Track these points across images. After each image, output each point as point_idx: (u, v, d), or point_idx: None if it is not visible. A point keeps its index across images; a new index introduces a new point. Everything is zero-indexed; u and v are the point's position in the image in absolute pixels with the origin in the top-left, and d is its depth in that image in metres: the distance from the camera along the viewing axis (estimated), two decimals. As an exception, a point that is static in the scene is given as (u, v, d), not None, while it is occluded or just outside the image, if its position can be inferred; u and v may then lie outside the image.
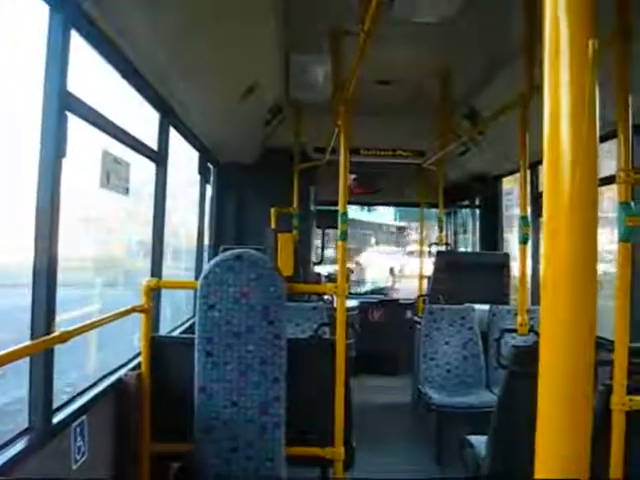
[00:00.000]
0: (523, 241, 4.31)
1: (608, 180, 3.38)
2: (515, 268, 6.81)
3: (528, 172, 4.45)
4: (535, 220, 6.32)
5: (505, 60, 4.78)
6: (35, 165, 2.63)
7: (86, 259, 5.65)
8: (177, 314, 6.04)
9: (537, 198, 6.42)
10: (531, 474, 0.89)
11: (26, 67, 3.03)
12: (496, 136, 6.31)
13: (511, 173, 7.84)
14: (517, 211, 9.02)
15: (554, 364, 0.81)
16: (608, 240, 6.24)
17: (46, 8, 2.58)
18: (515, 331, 4.43)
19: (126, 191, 3.78)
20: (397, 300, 9.70)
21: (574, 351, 0.79)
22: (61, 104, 2.66)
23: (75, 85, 2.77)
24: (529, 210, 4.63)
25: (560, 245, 0.81)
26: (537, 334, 4.59)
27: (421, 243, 9.35)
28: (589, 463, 0.81)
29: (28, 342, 2.53)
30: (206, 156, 6.50)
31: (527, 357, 3.54)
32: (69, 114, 2.72)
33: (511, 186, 8.87)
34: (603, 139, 3.72)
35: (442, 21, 4.35)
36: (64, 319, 3.26)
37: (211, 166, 6.98)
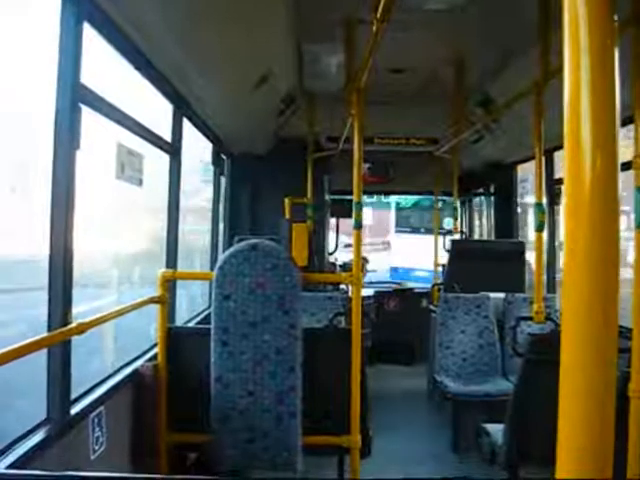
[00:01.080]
0: (539, 228, 4.29)
1: (624, 166, 3.35)
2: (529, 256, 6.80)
3: (543, 159, 4.42)
4: (550, 208, 6.28)
5: (519, 47, 4.74)
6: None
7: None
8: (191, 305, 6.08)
9: (552, 185, 6.38)
10: (548, 462, 0.88)
11: (40, 60, 3.03)
12: (510, 123, 6.27)
13: (526, 160, 7.79)
14: (529, 199, 8.98)
15: (576, 356, 0.80)
16: (624, 227, 6.19)
17: (59, 0, 2.59)
18: (531, 319, 4.41)
19: (140, 182, 3.80)
20: (412, 289, 9.69)
21: (597, 341, 0.78)
22: (75, 96, 2.66)
23: (88, 78, 2.77)
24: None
25: (582, 231, 0.79)
26: (554, 322, 4.58)
27: (436, 231, 9.32)
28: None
29: (45, 334, 2.55)
30: (220, 147, 6.51)
31: (544, 345, 3.53)
32: (83, 106, 2.73)
33: (523, 174, 8.81)
34: (620, 124, 3.68)
35: (453, 8, 4.32)
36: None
37: (225, 157, 6.98)
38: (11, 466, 2.18)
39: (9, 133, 3.66)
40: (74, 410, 2.78)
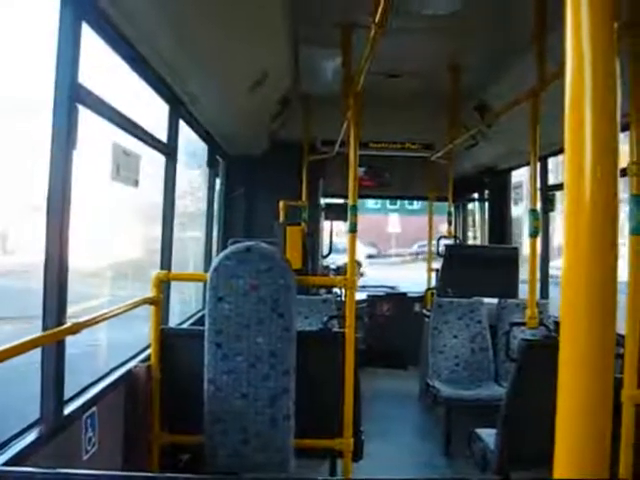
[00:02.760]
0: (533, 234, 4.30)
1: (620, 173, 3.36)
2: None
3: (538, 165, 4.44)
4: (544, 214, 6.30)
5: (515, 53, 4.76)
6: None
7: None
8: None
9: (546, 191, 6.40)
10: (540, 467, 0.88)
11: (38, 59, 3.02)
12: (505, 129, 6.29)
13: (520, 166, 7.82)
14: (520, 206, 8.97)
15: (574, 357, 0.80)
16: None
17: (57, 1, 2.59)
18: (524, 324, 4.42)
19: (135, 183, 3.79)
20: (405, 293, 9.69)
21: (595, 344, 0.78)
22: (72, 96, 2.66)
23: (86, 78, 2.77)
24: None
25: (581, 236, 0.79)
26: (547, 327, 4.60)
27: (430, 236, 9.33)
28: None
29: (40, 333, 2.54)
30: (215, 149, 6.50)
31: (537, 350, 3.54)
32: (80, 107, 2.73)
33: (517, 180, 8.83)
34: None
35: (451, 13, 4.33)
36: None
37: (220, 159, 6.98)
38: (4, 466, 2.18)
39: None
40: (67, 410, 2.77)
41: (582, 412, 0.79)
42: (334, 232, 9.05)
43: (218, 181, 7.03)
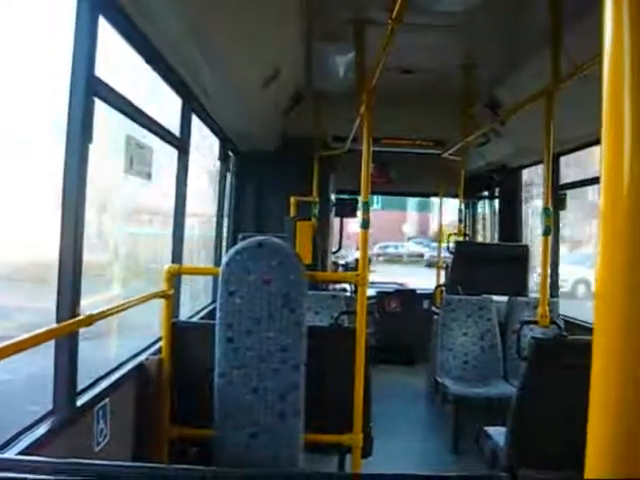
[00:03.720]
0: (546, 233, 4.29)
1: None
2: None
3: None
4: (556, 213, 6.29)
5: (529, 50, 4.74)
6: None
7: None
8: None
9: (558, 190, 6.38)
10: (550, 465, 0.87)
11: (55, 52, 3.03)
12: (517, 127, 6.27)
13: (532, 165, 7.80)
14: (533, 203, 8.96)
15: (610, 356, 0.78)
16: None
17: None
18: (535, 323, 4.41)
19: (148, 176, 3.80)
20: (414, 290, 9.69)
21: (632, 343, 0.77)
22: (89, 89, 2.67)
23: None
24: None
25: (618, 236, 0.77)
26: (558, 326, 4.59)
27: (440, 233, 9.33)
28: None
29: (54, 325, 2.56)
30: (227, 144, 6.52)
31: (548, 349, 3.53)
32: (97, 100, 2.74)
33: (527, 178, 8.80)
34: None
35: (465, 10, 4.32)
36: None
37: (232, 154, 6.99)
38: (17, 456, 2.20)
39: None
40: (80, 402, 2.79)
41: (615, 410, 0.78)
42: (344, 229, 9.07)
43: (229, 176, 7.04)
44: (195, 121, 4.86)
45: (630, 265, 0.77)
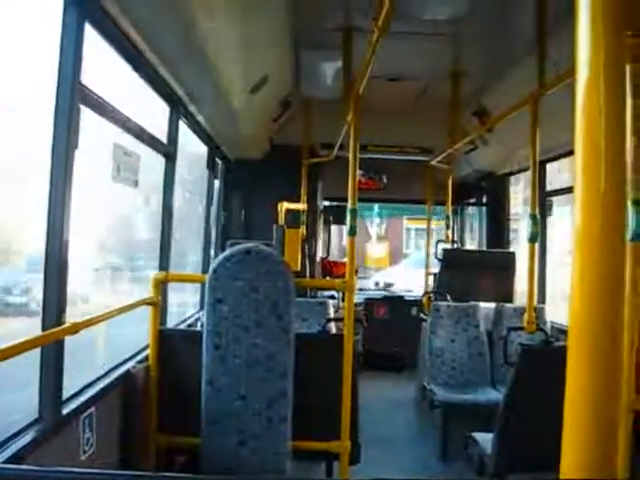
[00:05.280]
0: (532, 239, 4.31)
1: None
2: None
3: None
4: (542, 219, 6.31)
5: (515, 58, 4.77)
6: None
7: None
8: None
9: (544, 197, 6.41)
10: (537, 471, 0.88)
11: (40, 59, 3.02)
12: (504, 134, 6.31)
13: (518, 172, 7.84)
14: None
15: (583, 357, 0.79)
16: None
17: (61, 1, 2.60)
18: (522, 329, 4.43)
19: (135, 184, 3.79)
20: (402, 297, 9.70)
21: (605, 345, 0.78)
22: (74, 96, 2.67)
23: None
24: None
25: (592, 240, 0.79)
26: (545, 332, 4.61)
27: (428, 240, 9.34)
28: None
29: (40, 333, 2.54)
30: (215, 151, 6.51)
31: (535, 355, 3.55)
32: (82, 106, 2.74)
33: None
34: None
35: (452, 18, 4.35)
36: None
37: (219, 161, 6.98)
38: (2, 464, 2.18)
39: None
40: (65, 410, 2.77)
41: (590, 411, 0.79)
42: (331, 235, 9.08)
43: (217, 183, 7.03)
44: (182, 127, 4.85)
45: (601, 261, 0.80)
